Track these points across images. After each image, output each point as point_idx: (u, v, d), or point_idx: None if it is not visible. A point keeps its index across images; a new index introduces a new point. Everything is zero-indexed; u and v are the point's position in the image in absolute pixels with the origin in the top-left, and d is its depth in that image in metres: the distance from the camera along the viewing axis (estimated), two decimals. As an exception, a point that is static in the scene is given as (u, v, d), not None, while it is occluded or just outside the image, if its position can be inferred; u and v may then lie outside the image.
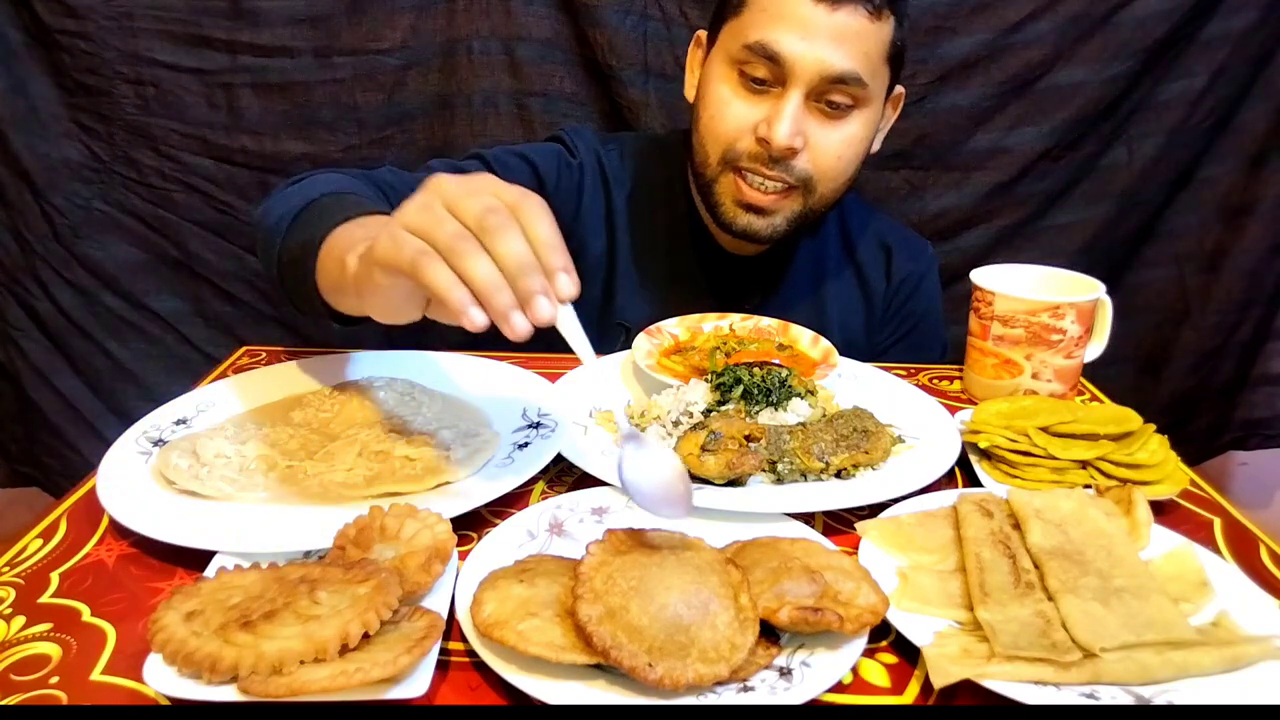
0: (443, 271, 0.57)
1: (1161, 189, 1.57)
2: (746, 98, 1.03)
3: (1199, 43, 1.48)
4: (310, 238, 0.78)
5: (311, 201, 0.84)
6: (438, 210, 0.59)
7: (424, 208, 0.60)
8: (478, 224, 0.58)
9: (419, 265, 0.57)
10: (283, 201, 0.89)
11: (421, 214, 0.59)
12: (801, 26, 0.97)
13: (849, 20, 0.98)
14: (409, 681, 0.53)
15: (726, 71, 1.04)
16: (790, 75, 0.99)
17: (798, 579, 0.59)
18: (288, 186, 0.94)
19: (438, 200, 0.59)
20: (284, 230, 0.84)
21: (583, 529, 0.72)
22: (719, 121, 1.05)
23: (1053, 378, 0.99)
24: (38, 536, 0.71)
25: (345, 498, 0.74)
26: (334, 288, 0.74)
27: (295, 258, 0.80)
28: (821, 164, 1.05)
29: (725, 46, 1.04)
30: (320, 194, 0.85)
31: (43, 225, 1.52)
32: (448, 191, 0.60)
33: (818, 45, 0.97)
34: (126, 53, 1.45)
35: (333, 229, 0.76)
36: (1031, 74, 1.49)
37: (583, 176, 1.18)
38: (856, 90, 1.01)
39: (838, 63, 0.98)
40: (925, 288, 1.28)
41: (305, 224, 0.82)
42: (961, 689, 0.56)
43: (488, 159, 1.11)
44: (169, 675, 0.52)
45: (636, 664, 0.52)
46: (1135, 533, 0.71)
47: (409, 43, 1.48)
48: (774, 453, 0.81)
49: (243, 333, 1.62)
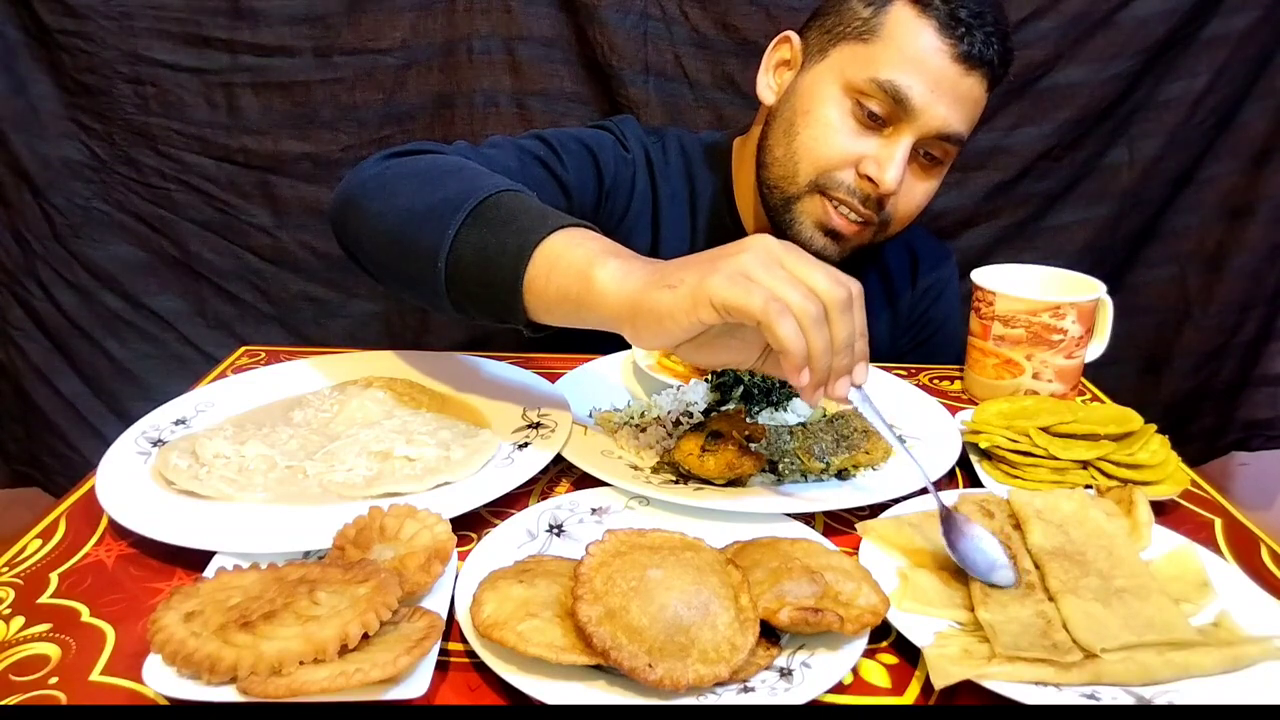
0: (793, 328, 0.63)
1: (1163, 189, 1.57)
2: (856, 130, 1.01)
3: (1200, 42, 1.48)
4: (519, 243, 0.73)
5: (487, 197, 0.77)
6: (786, 272, 0.65)
7: (769, 265, 0.65)
8: (828, 297, 0.65)
9: (771, 314, 0.62)
10: (417, 181, 0.84)
11: (769, 270, 0.65)
12: (934, 79, 0.97)
13: (974, 86, 1.00)
14: (409, 682, 0.53)
15: (839, 96, 1.01)
16: (910, 122, 0.99)
17: (798, 579, 0.59)
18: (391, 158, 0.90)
19: (778, 262, 0.66)
20: (457, 223, 0.76)
21: (583, 529, 0.72)
22: (823, 145, 1.02)
23: (1053, 378, 0.98)
24: (37, 536, 0.71)
25: (345, 498, 0.74)
26: (560, 297, 0.72)
27: (489, 258, 0.75)
28: (903, 209, 1.06)
29: (843, 70, 1.01)
30: (494, 189, 0.78)
31: (43, 225, 1.52)
32: (786, 256, 0.66)
33: (943, 101, 0.98)
34: (126, 52, 1.45)
35: (545, 237, 0.73)
36: (1032, 74, 1.49)
37: (635, 172, 1.16)
38: (953, 149, 1.04)
39: (955, 123, 1.00)
40: (948, 295, 1.29)
41: (494, 223, 0.76)
42: (962, 689, 0.56)
43: (551, 143, 1.07)
44: (168, 676, 0.52)
45: (636, 665, 0.52)
46: (1136, 533, 0.71)
47: (409, 42, 1.48)
48: (774, 453, 0.81)
49: (243, 333, 1.62)
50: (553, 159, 1.06)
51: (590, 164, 1.10)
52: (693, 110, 1.52)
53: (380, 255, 0.86)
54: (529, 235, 0.73)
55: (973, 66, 0.98)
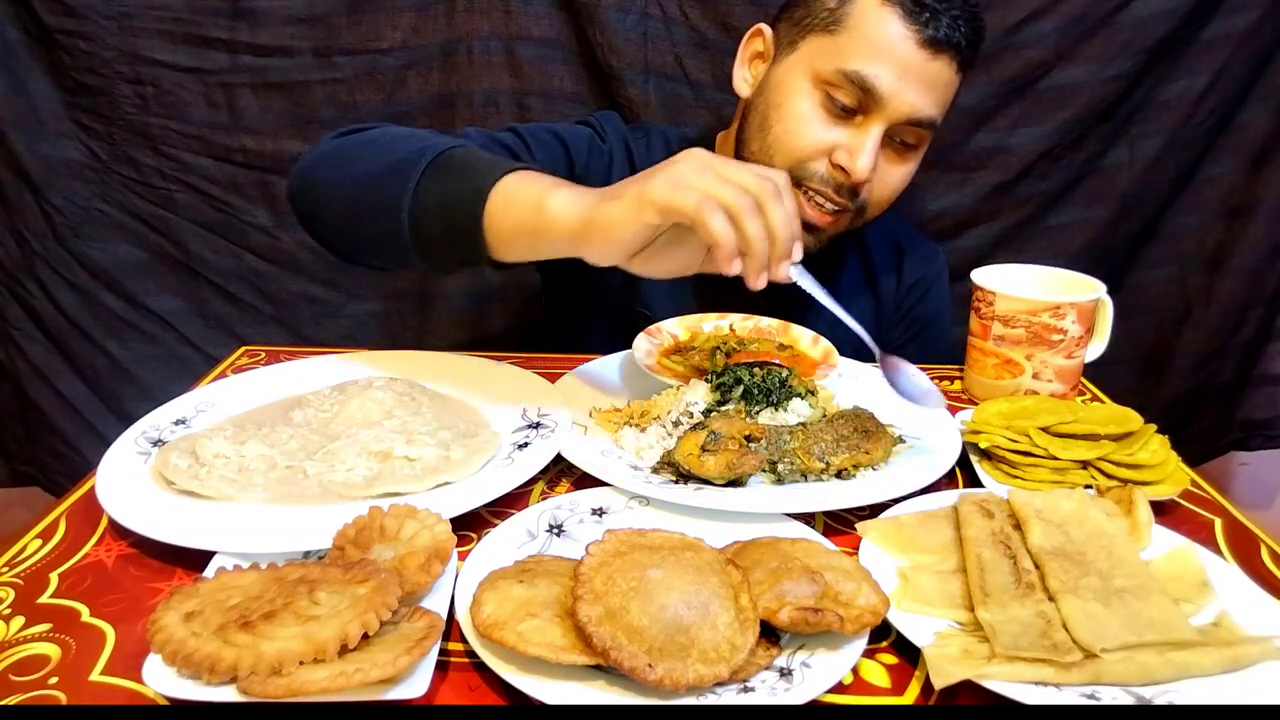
0: (723, 222, 0.70)
1: (1163, 189, 1.57)
2: (826, 120, 1.02)
3: (1200, 43, 1.48)
4: (476, 186, 0.80)
5: (443, 152, 0.84)
6: (716, 174, 0.72)
7: (701, 170, 0.72)
8: (757, 191, 0.71)
9: (703, 212, 0.69)
10: (374, 148, 0.89)
11: (701, 173, 0.71)
12: (901, 66, 0.98)
13: (942, 69, 1.00)
14: (409, 682, 0.53)
15: (809, 88, 1.03)
16: (879, 110, 1.00)
17: (798, 579, 0.59)
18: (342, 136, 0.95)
19: (709, 167, 0.72)
20: (416, 176, 0.82)
21: (583, 529, 0.72)
22: (795, 138, 1.04)
23: (1053, 378, 0.98)
24: (37, 536, 0.71)
25: (345, 498, 0.74)
26: (517, 230, 0.79)
27: (449, 203, 0.81)
28: (878, 195, 1.07)
29: (812, 62, 1.02)
30: (449, 145, 0.85)
31: (43, 225, 1.52)
32: (715, 162, 0.73)
33: (911, 87, 0.99)
34: (126, 52, 1.45)
35: (501, 176, 0.80)
36: (1033, 74, 1.49)
37: (611, 162, 1.18)
38: (927, 134, 1.05)
39: (924, 108, 1.01)
40: (935, 292, 1.29)
41: (451, 172, 0.83)
42: (962, 689, 0.56)
43: (522, 134, 1.10)
44: (168, 676, 0.52)
45: (636, 665, 0.52)
46: (1136, 533, 0.71)
47: (409, 42, 1.48)
48: (774, 453, 0.81)
49: (243, 333, 1.62)
50: (520, 148, 1.08)
51: (560, 152, 1.13)
52: (693, 110, 1.52)
53: (342, 221, 0.91)
54: (485, 178, 0.80)
55: (940, 50, 0.99)
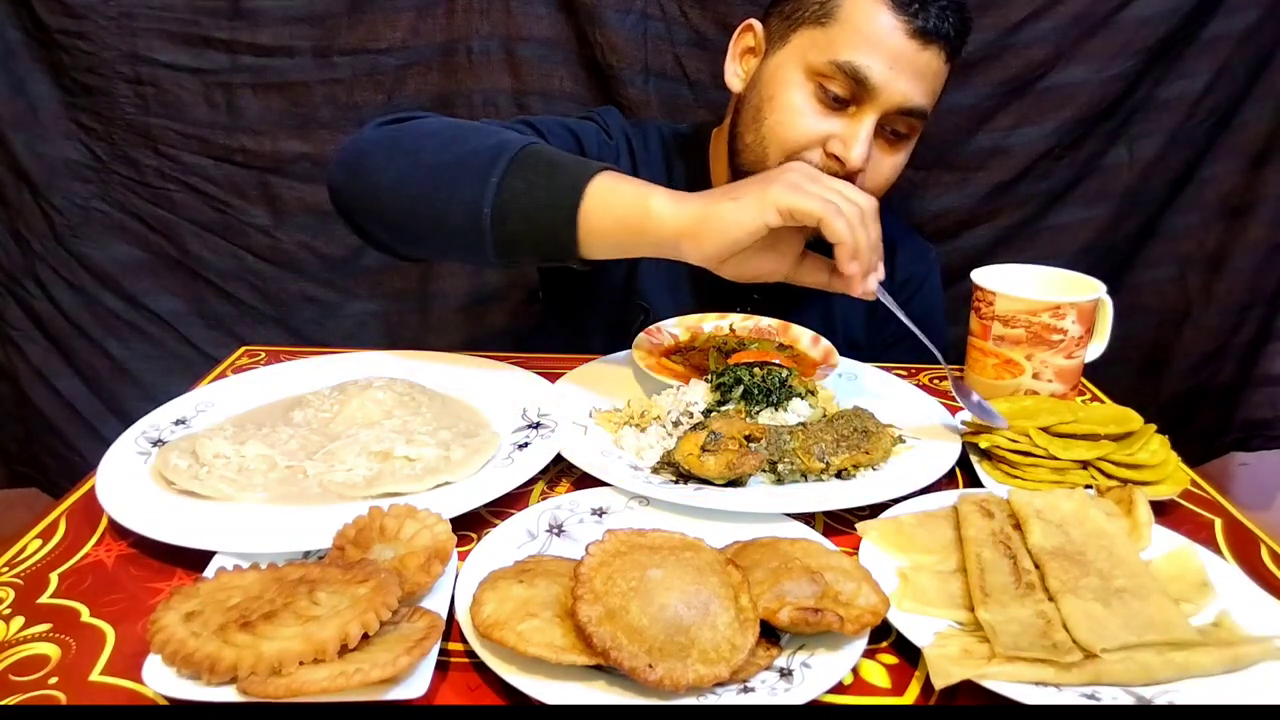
0: (847, 225, 0.78)
1: (1163, 189, 1.57)
2: (820, 111, 1.03)
3: (1200, 43, 1.47)
4: (570, 184, 0.83)
5: (524, 147, 0.86)
6: (826, 184, 0.80)
7: (814, 179, 0.80)
8: (863, 205, 0.80)
9: (830, 213, 0.77)
10: (437, 140, 0.91)
11: (815, 182, 0.80)
12: (892, 56, 0.99)
13: (932, 59, 1.02)
14: (409, 682, 0.53)
15: (802, 80, 1.04)
16: (871, 100, 1.01)
17: (798, 579, 0.59)
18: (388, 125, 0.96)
19: (819, 179, 0.81)
20: (498, 173, 0.84)
21: (583, 529, 0.72)
22: (789, 129, 1.05)
23: (1053, 378, 0.98)
24: (37, 537, 0.71)
25: (345, 498, 0.74)
26: (616, 227, 0.84)
27: (540, 201, 0.84)
28: (871, 185, 1.08)
29: (804, 54, 1.04)
30: (526, 142, 0.88)
31: (42, 225, 1.52)
32: (822, 175, 0.82)
33: (903, 77, 1.00)
34: (126, 53, 1.45)
35: (593, 177, 0.83)
36: (1033, 74, 1.49)
37: (618, 158, 1.19)
38: (918, 123, 1.07)
39: (915, 97, 1.02)
40: (927, 290, 1.30)
41: (536, 169, 0.85)
42: (962, 690, 0.56)
43: (536, 125, 1.11)
44: (168, 676, 0.52)
45: (636, 665, 0.52)
46: (1136, 533, 0.71)
47: (409, 43, 1.48)
48: (774, 453, 0.81)
49: (243, 333, 1.62)
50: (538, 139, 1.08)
51: (574, 145, 1.14)
52: (693, 110, 1.52)
53: (400, 214, 0.92)
54: (577, 177, 0.84)
55: (929, 41, 1.00)
